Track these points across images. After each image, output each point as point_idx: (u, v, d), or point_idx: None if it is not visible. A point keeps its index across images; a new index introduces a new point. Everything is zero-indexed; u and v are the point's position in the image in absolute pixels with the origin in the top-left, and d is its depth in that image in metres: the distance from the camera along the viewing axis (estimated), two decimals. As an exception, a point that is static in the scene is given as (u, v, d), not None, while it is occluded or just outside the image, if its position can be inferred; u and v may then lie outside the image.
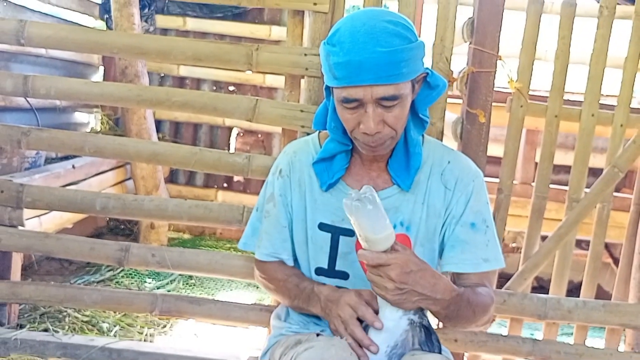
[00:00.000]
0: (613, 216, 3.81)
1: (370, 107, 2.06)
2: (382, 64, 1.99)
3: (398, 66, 2.01)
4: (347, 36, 2.04)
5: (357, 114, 2.11)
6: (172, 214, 3.60)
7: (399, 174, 2.30)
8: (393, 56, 2.00)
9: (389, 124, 2.11)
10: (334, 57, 2.05)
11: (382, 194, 2.30)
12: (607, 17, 3.55)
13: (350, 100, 2.07)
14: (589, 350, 3.67)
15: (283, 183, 2.44)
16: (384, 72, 2.00)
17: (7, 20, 3.57)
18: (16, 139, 3.59)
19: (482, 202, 2.37)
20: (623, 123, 3.62)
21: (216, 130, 7.29)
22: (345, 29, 2.07)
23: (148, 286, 5.16)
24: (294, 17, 3.49)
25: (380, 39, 2.00)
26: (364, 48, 1.99)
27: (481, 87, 3.38)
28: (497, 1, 3.34)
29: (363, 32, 2.02)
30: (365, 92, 2.03)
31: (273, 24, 7.05)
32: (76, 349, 3.64)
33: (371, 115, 2.07)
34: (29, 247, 3.67)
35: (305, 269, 2.44)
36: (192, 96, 3.58)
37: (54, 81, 3.60)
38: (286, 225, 2.44)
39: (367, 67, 1.99)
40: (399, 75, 2.03)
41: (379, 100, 2.05)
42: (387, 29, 2.03)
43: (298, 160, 2.44)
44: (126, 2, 5.49)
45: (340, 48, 2.03)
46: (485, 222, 2.35)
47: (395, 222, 2.31)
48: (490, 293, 2.34)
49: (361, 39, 2.01)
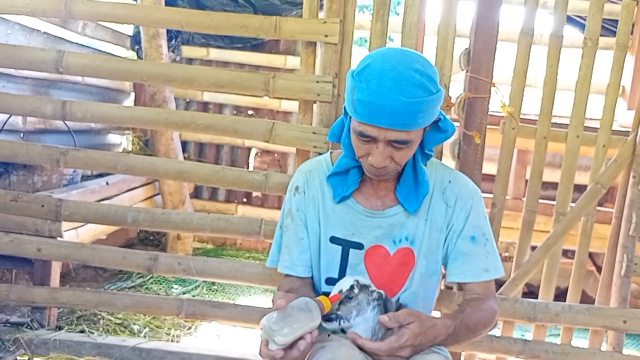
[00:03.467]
0: (596, 228, 3.80)
1: (381, 145, 2.05)
2: (401, 112, 1.95)
3: (415, 116, 1.98)
4: (375, 77, 1.98)
5: (368, 146, 2.09)
6: (197, 226, 3.61)
7: (406, 199, 2.28)
8: (413, 107, 1.95)
9: (396, 160, 2.10)
10: (358, 94, 2.01)
11: (390, 211, 2.31)
12: (591, 48, 3.55)
13: (365, 135, 2.05)
14: (574, 349, 3.67)
15: (299, 199, 2.43)
16: (401, 120, 1.97)
17: (48, 51, 3.60)
18: (55, 158, 3.61)
19: (481, 217, 2.36)
20: (605, 144, 3.63)
21: (236, 150, 7.28)
22: (375, 67, 2.01)
23: (175, 292, 5.15)
24: (307, 48, 3.51)
25: (404, 88, 1.95)
26: (388, 94, 1.94)
27: (477, 111, 3.38)
28: (491, 33, 3.34)
29: (390, 78, 1.96)
30: (379, 133, 2.01)
31: (288, 54, 7.06)
32: (109, 349, 3.65)
33: (381, 151, 2.06)
34: (67, 256, 3.69)
35: (317, 278, 2.43)
36: (215, 119, 3.60)
37: (89, 106, 3.62)
38: (303, 237, 2.42)
39: (387, 112, 1.95)
40: (414, 124, 2.00)
41: (391, 141, 2.04)
42: (413, 79, 1.98)
43: (312, 178, 2.43)
44: (155, 34, 5.51)
45: (367, 86, 1.98)
46: (485, 236, 2.34)
47: (400, 237, 2.31)
48: (493, 307, 2.33)
49: (387, 84, 1.95)
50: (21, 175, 4.18)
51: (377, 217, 2.32)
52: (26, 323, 3.82)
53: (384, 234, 2.31)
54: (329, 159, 2.46)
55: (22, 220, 3.69)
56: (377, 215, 2.32)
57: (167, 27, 3.80)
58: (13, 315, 4.02)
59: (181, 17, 3.55)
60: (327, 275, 2.37)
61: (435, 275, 2.38)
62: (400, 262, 2.32)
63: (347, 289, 2.06)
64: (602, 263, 3.90)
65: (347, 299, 2.03)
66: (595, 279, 5.48)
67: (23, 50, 3.60)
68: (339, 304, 2.03)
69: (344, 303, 2.04)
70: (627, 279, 3.68)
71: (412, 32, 3.35)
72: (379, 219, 2.31)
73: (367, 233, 2.31)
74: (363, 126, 2.04)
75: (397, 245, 2.31)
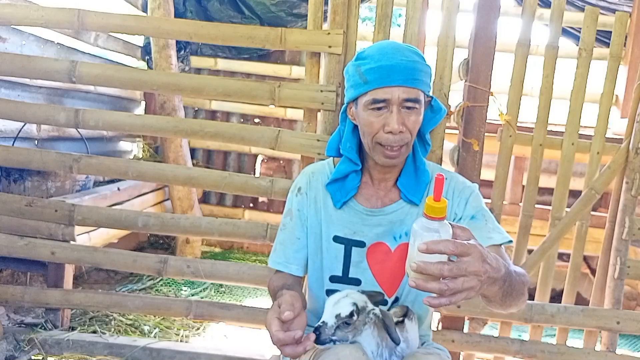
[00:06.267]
0: (591, 232, 3.81)
1: (395, 108, 2.10)
2: (409, 68, 2.08)
3: (419, 74, 2.11)
4: (376, 51, 2.15)
5: (383, 116, 2.12)
6: (205, 230, 3.62)
7: (408, 189, 2.28)
8: (415, 65, 2.10)
9: (408, 127, 2.13)
10: (365, 65, 2.13)
11: (389, 209, 2.31)
12: (586, 58, 3.56)
13: (379, 100, 2.10)
14: (569, 349, 3.67)
15: (301, 199, 2.43)
16: (410, 76, 2.08)
17: (61, 61, 3.61)
18: (68, 165, 3.62)
19: (480, 202, 2.32)
20: (599, 151, 3.63)
21: (243, 157, 7.28)
22: (372, 48, 2.19)
23: (184, 293, 5.15)
24: (312, 58, 3.51)
25: (404, 53, 2.12)
26: (392, 56, 2.10)
27: (475, 119, 3.38)
28: (489, 44, 3.34)
29: (390, 48, 2.14)
30: (393, 93, 2.08)
31: (293, 64, 7.06)
32: (121, 349, 3.66)
33: (395, 115, 2.10)
34: (80, 259, 3.69)
35: (319, 277, 2.42)
36: (223, 127, 3.61)
37: (101, 114, 3.63)
38: (300, 237, 2.42)
39: (397, 69, 2.07)
40: (420, 82, 2.11)
41: (404, 101, 2.10)
42: (408, 47, 2.16)
43: (315, 179, 2.44)
44: (165, 45, 5.53)
45: (371, 59, 2.12)
46: (484, 216, 2.27)
47: (400, 233, 2.30)
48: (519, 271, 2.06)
49: (389, 52, 2.12)
50: (35, 181, 4.18)
51: (377, 215, 2.31)
52: (40, 324, 3.82)
53: (384, 231, 2.31)
54: (332, 164, 2.46)
55: (36, 224, 3.71)
56: (377, 213, 2.31)
57: (177, 38, 3.79)
58: (27, 316, 4.04)
59: (190, 29, 3.55)
60: (330, 273, 2.37)
61: None
62: (401, 257, 2.29)
63: (346, 315, 1.96)
64: (596, 266, 3.89)
65: (344, 325, 1.97)
66: (589, 282, 5.48)
67: (37, 61, 3.61)
68: (335, 328, 1.95)
69: (340, 329, 1.97)
70: (621, 282, 3.68)
71: (412, 43, 3.35)
72: (379, 217, 2.31)
73: (368, 231, 2.31)
74: (376, 92, 2.11)
75: (398, 241, 2.30)
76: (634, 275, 3.67)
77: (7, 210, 3.68)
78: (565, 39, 6.95)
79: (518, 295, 1.94)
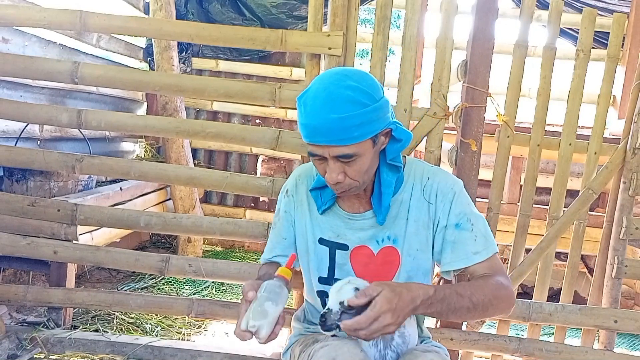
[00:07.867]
0: (588, 232, 3.81)
1: (330, 161, 2.05)
2: (334, 128, 1.94)
3: (349, 130, 1.95)
4: (310, 99, 2.00)
5: (323, 164, 2.10)
6: (207, 229, 3.61)
7: (377, 207, 2.29)
8: (344, 122, 1.94)
9: (350, 176, 2.09)
10: (299, 118, 2.04)
11: (370, 214, 2.31)
12: (583, 60, 3.55)
13: (313, 154, 2.07)
14: (567, 348, 3.66)
15: (288, 201, 2.47)
16: (336, 136, 1.96)
17: (63, 62, 3.60)
18: (71, 165, 3.61)
19: (464, 204, 2.29)
20: (597, 151, 3.63)
21: (244, 157, 7.29)
22: (312, 90, 2.03)
23: (185, 292, 5.14)
24: (312, 60, 3.51)
25: (334, 106, 1.94)
26: (319, 114, 1.95)
27: (473, 120, 3.38)
28: (487, 46, 3.34)
29: (322, 98, 1.97)
30: (322, 151, 2.02)
31: (294, 66, 7.08)
32: (123, 347, 3.65)
33: (332, 167, 2.06)
34: (82, 258, 3.68)
35: (308, 278, 2.44)
36: (224, 128, 3.60)
37: (103, 115, 3.62)
38: (286, 237, 2.46)
39: (321, 131, 1.95)
40: (350, 139, 1.98)
41: (337, 157, 2.03)
42: (343, 95, 1.96)
43: (301, 183, 2.47)
44: (166, 47, 5.52)
45: (304, 110, 2.01)
46: (470, 221, 2.26)
47: (383, 237, 2.30)
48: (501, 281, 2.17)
49: (318, 105, 1.96)
50: (38, 181, 4.18)
51: (359, 220, 2.32)
52: (43, 322, 3.82)
53: (366, 235, 2.31)
54: None
55: (39, 224, 3.70)
56: (359, 218, 2.32)
57: (178, 39, 3.78)
58: (30, 315, 4.03)
59: (192, 30, 3.55)
60: (318, 274, 2.38)
61: (427, 273, 2.36)
62: (385, 261, 2.31)
63: None
64: (593, 265, 3.89)
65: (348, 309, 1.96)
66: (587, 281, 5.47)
67: (40, 62, 3.60)
68: (340, 314, 1.93)
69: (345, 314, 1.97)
70: (618, 281, 3.67)
71: (411, 44, 3.35)
72: (361, 222, 2.32)
73: (351, 235, 2.32)
74: (309, 146, 2.06)
75: (380, 244, 2.30)
76: (632, 274, 3.67)
77: (10, 209, 3.68)
78: (563, 40, 6.95)
79: (465, 313, 2.06)
